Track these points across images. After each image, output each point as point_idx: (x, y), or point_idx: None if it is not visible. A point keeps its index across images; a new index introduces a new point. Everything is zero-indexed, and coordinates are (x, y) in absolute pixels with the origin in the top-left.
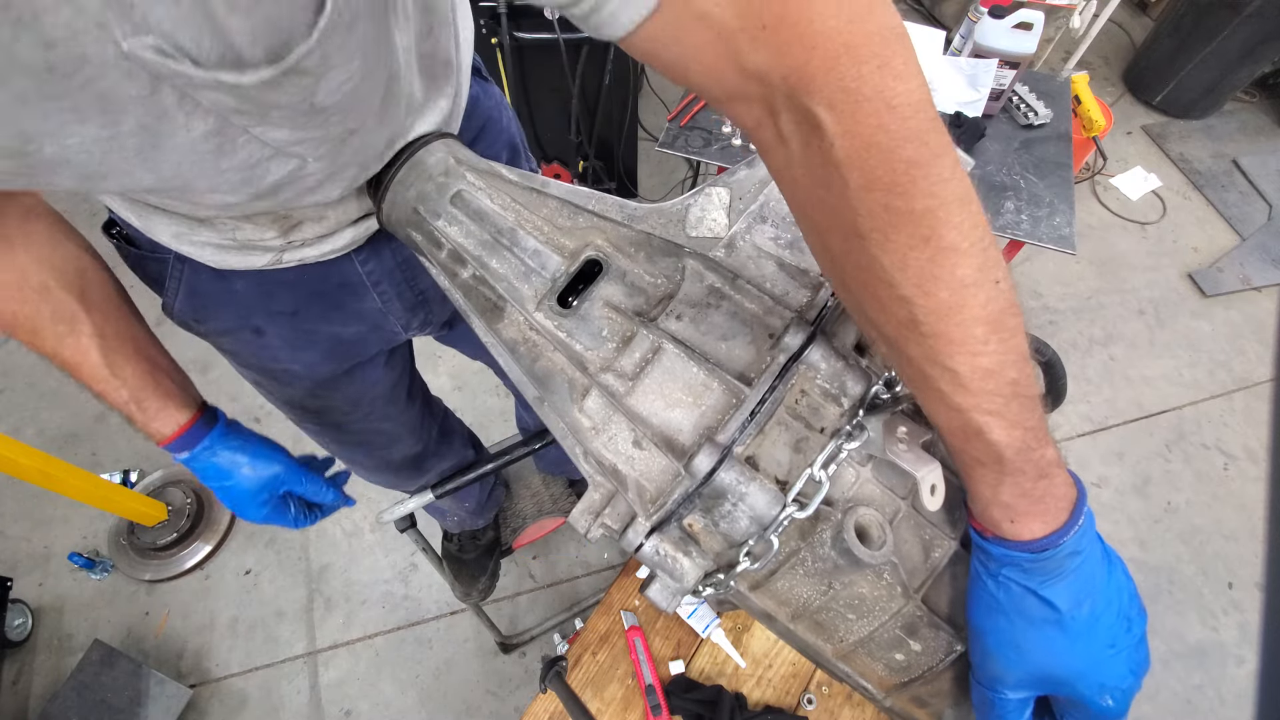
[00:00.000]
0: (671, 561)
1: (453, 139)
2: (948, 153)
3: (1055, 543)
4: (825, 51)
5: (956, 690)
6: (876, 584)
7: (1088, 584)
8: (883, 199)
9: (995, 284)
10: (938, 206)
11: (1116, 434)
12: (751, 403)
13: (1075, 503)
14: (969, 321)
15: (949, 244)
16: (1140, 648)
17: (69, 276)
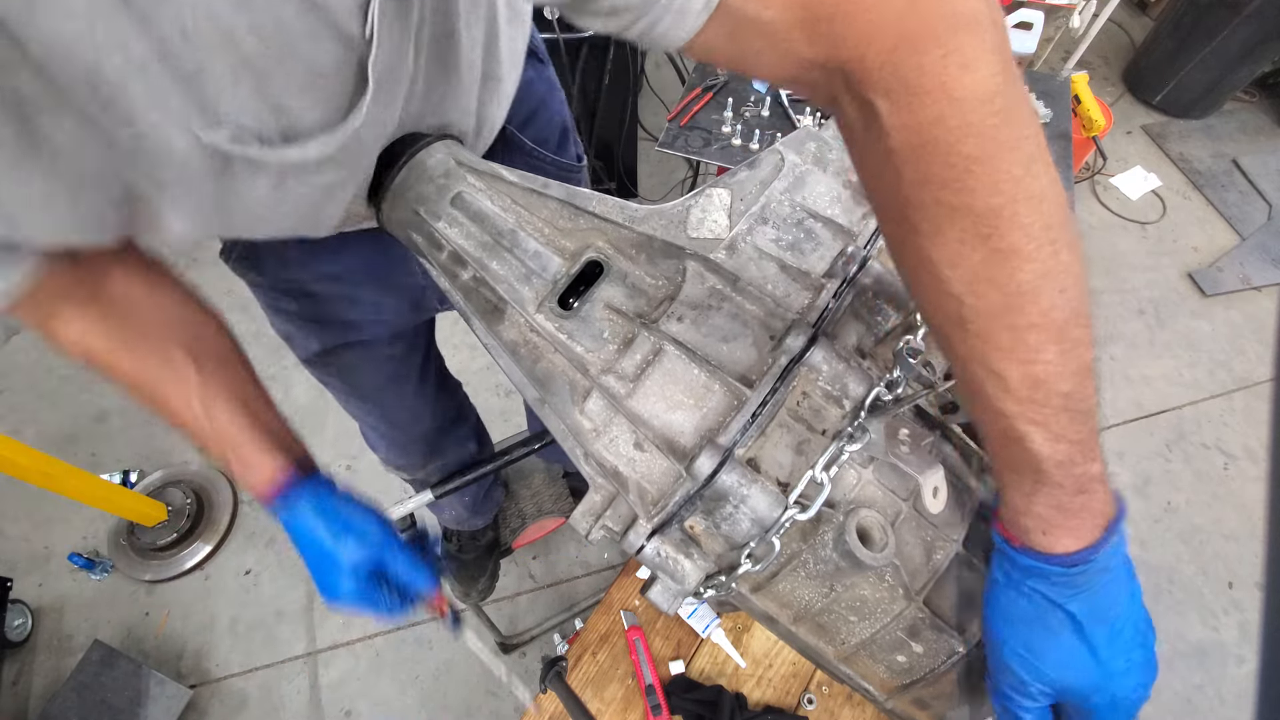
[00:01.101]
0: (673, 563)
1: (453, 140)
2: (1022, 146)
3: (1086, 559)
4: (882, 42)
5: (958, 692)
6: (878, 586)
7: (1112, 600)
8: (936, 194)
9: (1060, 291)
10: (1003, 205)
11: (1116, 434)
12: (753, 405)
13: (1112, 520)
14: (1023, 328)
15: (1009, 245)
16: (1151, 662)
17: (179, 333)
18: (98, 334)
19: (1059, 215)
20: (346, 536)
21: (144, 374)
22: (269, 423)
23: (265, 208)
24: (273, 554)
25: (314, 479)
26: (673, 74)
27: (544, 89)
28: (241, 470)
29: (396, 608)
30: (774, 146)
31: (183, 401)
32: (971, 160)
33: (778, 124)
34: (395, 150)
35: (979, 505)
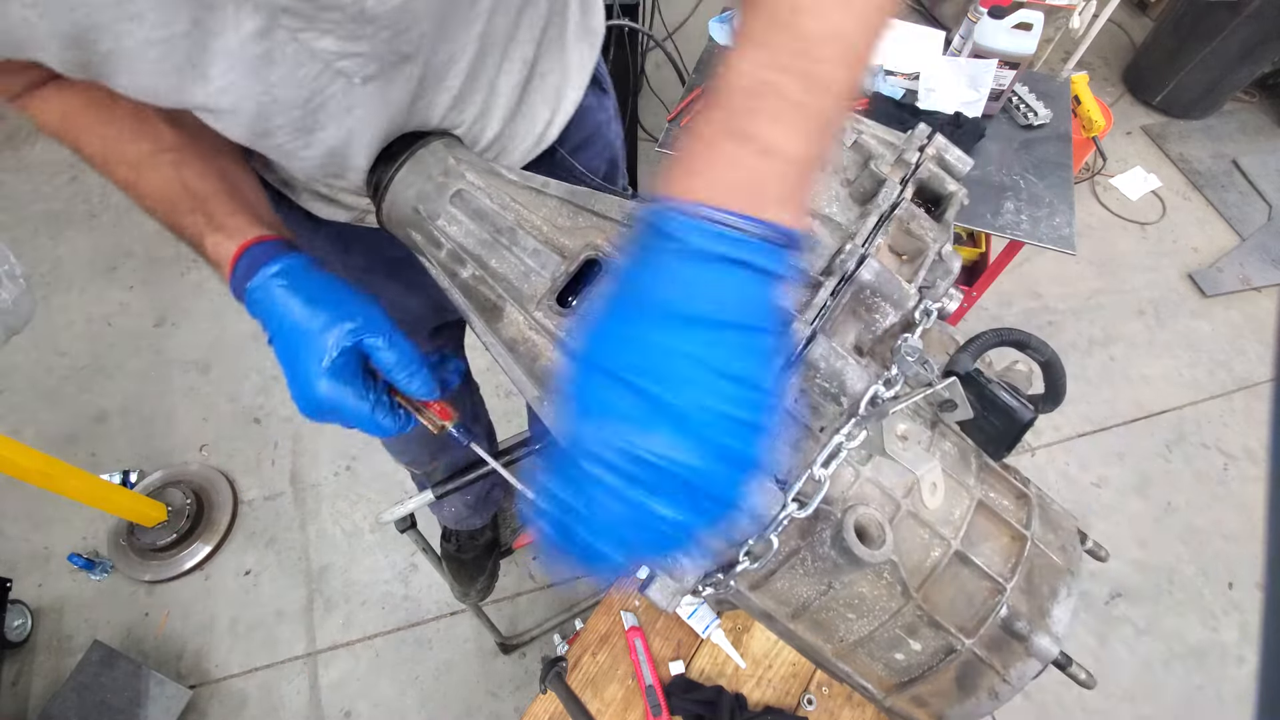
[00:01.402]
0: (671, 561)
1: (452, 138)
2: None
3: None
4: None
5: (956, 690)
6: (876, 583)
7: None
8: None
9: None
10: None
11: (1116, 434)
12: None
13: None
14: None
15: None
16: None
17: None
18: (77, 115)
19: None
20: (325, 310)
21: (112, 134)
22: (247, 194)
23: (249, 62)
24: (273, 554)
25: (293, 251)
26: (673, 74)
27: (603, 118)
28: (209, 237)
29: (386, 414)
30: None
31: (147, 154)
32: None
33: None
34: (394, 149)
35: None
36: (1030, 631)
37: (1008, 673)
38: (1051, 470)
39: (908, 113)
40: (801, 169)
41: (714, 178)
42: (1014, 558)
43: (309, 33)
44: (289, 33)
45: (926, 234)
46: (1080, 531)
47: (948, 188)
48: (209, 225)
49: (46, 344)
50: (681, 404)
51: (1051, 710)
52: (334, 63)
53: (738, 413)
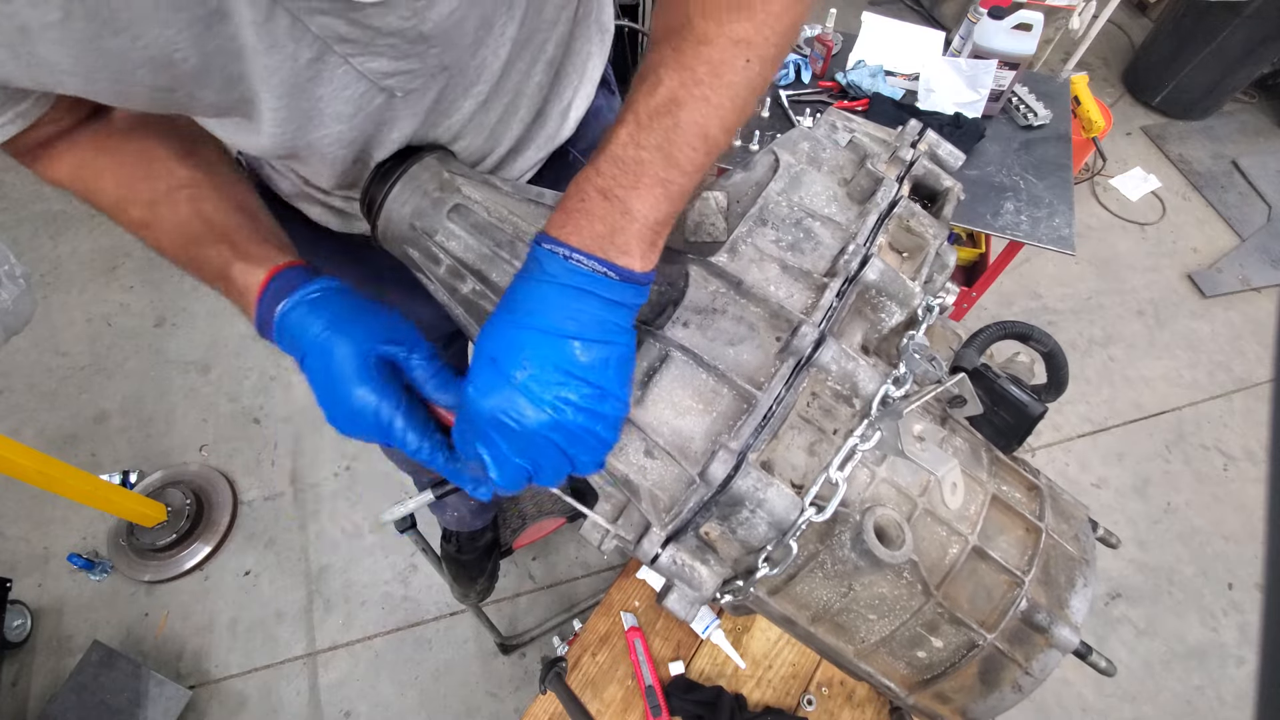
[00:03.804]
0: (689, 571)
1: (445, 151)
2: None
3: (553, 247)
4: None
5: (980, 685)
6: (896, 583)
7: (539, 301)
8: None
9: (746, 63)
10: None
11: (1116, 435)
12: (764, 407)
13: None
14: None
15: (740, 36)
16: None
17: (176, 143)
18: (89, 164)
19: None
20: (359, 327)
21: (125, 176)
22: (266, 223)
23: (292, 82)
24: (272, 554)
25: (322, 276)
26: None
27: (612, 119)
28: (235, 265)
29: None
30: (768, 148)
31: (163, 192)
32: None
33: (777, 124)
34: (387, 165)
35: None
36: (1050, 623)
37: (1030, 665)
38: (1051, 470)
39: (908, 113)
40: (654, 228)
41: (582, 227)
42: (1030, 550)
43: (361, 57)
44: (341, 58)
45: (926, 230)
46: (1091, 520)
47: (943, 183)
48: (234, 254)
49: (46, 344)
50: (536, 390)
51: (1051, 710)
52: (381, 81)
53: (571, 398)
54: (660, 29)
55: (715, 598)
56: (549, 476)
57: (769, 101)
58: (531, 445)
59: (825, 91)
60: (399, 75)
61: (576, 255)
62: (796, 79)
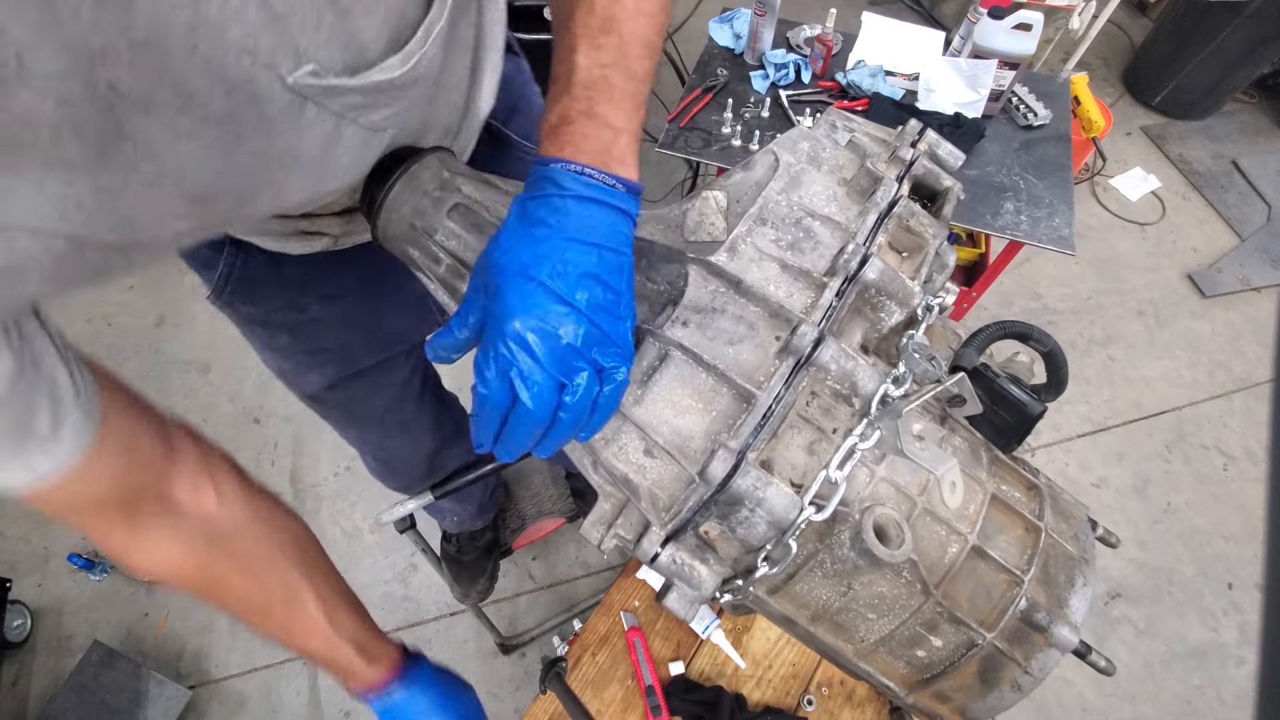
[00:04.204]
0: (689, 570)
1: (446, 152)
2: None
3: (563, 167)
4: None
5: (979, 684)
6: (896, 582)
7: (575, 227)
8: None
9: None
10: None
11: (1116, 435)
12: (763, 406)
13: (612, 172)
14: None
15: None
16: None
17: (290, 548)
18: (200, 554)
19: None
20: (456, 697)
21: (265, 598)
22: (363, 609)
23: (317, 157)
24: None
25: (415, 657)
26: (672, 75)
27: (522, 82)
28: (363, 664)
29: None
30: (768, 147)
31: (305, 620)
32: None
33: (778, 125)
34: (386, 165)
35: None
36: (1050, 622)
37: (1029, 664)
38: (1051, 470)
39: (908, 113)
40: (635, 138)
41: (580, 146)
42: (1029, 549)
43: (369, 115)
44: (351, 121)
45: (926, 230)
46: (1091, 519)
47: (943, 183)
48: (364, 658)
49: None
50: (569, 294)
51: (1051, 709)
52: (378, 126)
53: (600, 302)
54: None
55: (715, 597)
56: (582, 394)
57: (769, 101)
58: (567, 354)
59: (825, 91)
60: (393, 116)
61: (588, 170)
62: (796, 79)
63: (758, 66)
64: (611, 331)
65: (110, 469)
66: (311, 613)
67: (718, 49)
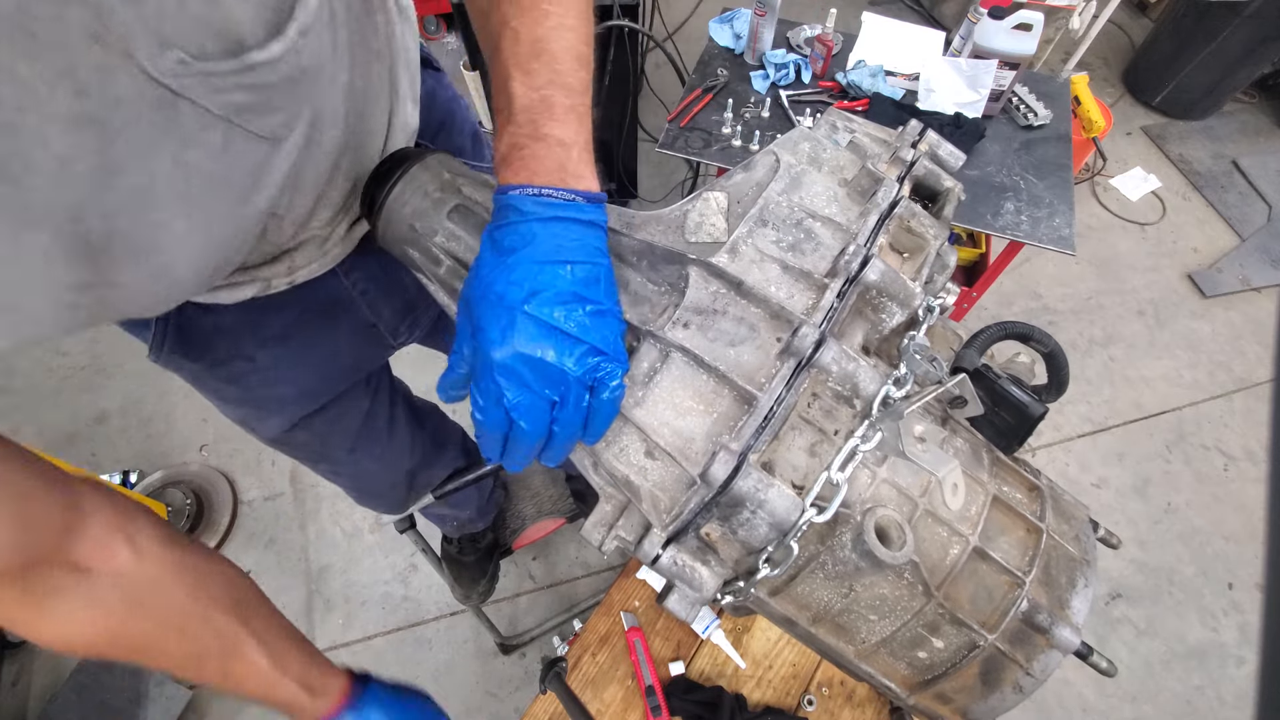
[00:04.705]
0: (690, 571)
1: (445, 154)
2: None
3: (523, 193)
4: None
5: (981, 686)
6: (897, 584)
7: (540, 251)
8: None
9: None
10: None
11: (1116, 435)
12: (764, 408)
13: (568, 188)
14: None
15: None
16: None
17: (224, 600)
18: (117, 617)
19: None
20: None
21: (197, 652)
22: (311, 646)
23: (213, 172)
24: (272, 554)
25: (365, 680)
26: (673, 75)
27: (447, 97)
28: (310, 699)
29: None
30: (768, 148)
31: (250, 666)
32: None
33: (778, 125)
34: (387, 167)
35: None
36: (1051, 623)
37: (1031, 666)
38: (1052, 471)
39: (908, 113)
40: (586, 149)
41: (535, 169)
42: (1031, 550)
43: (262, 118)
44: (241, 128)
45: (927, 231)
46: (1092, 520)
47: (944, 183)
48: (309, 694)
49: (46, 344)
50: (550, 317)
51: (1052, 710)
52: (278, 136)
53: (583, 319)
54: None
55: (716, 598)
56: (571, 409)
57: (769, 102)
58: (554, 374)
59: (825, 92)
60: (291, 121)
61: (546, 191)
62: (796, 79)
63: (758, 66)
64: (598, 342)
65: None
66: (252, 658)
67: (718, 49)
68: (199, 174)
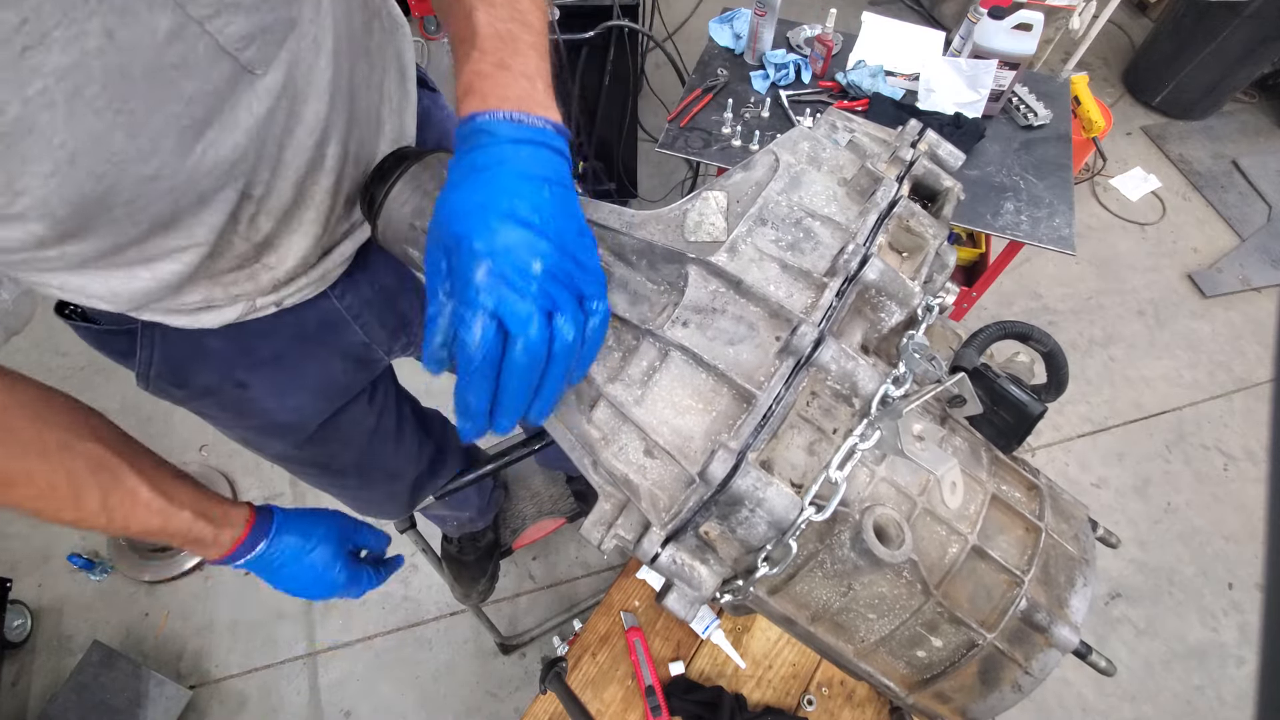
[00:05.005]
0: (689, 570)
1: (446, 153)
2: None
3: (491, 115)
4: None
5: (980, 685)
6: (896, 583)
7: (500, 158)
8: None
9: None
10: None
11: (1116, 435)
12: (763, 407)
13: (521, 112)
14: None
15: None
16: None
17: (80, 428)
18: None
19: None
20: (320, 530)
21: (67, 481)
22: (204, 486)
23: (167, 75)
24: None
25: (271, 509)
26: (673, 75)
27: (442, 116)
28: (213, 530)
29: (374, 580)
30: (768, 148)
31: (125, 494)
32: None
33: (778, 124)
34: (388, 165)
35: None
36: (1050, 622)
37: (1030, 665)
38: (1051, 470)
39: (908, 113)
40: (545, 84)
41: (503, 96)
42: (1030, 549)
43: (220, 18)
44: (198, 24)
45: (926, 230)
46: (1091, 519)
47: (943, 183)
48: (211, 524)
49: (46, 344)
50: (540, 225)
51: (1052, 710)
52: (244, 52)
53: (567, 229)
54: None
55: (715, 597)
56: (569, 317)
57: (769, 101)
58: (546, 282)
59: (825, 91)
60: (260, 44)
61: (516, 115)
62: (796, 79)
63: (758, 66)
64: (586, 261)
65: None
66: (134, 487)
67: (718, 49)
68: (137, 60)
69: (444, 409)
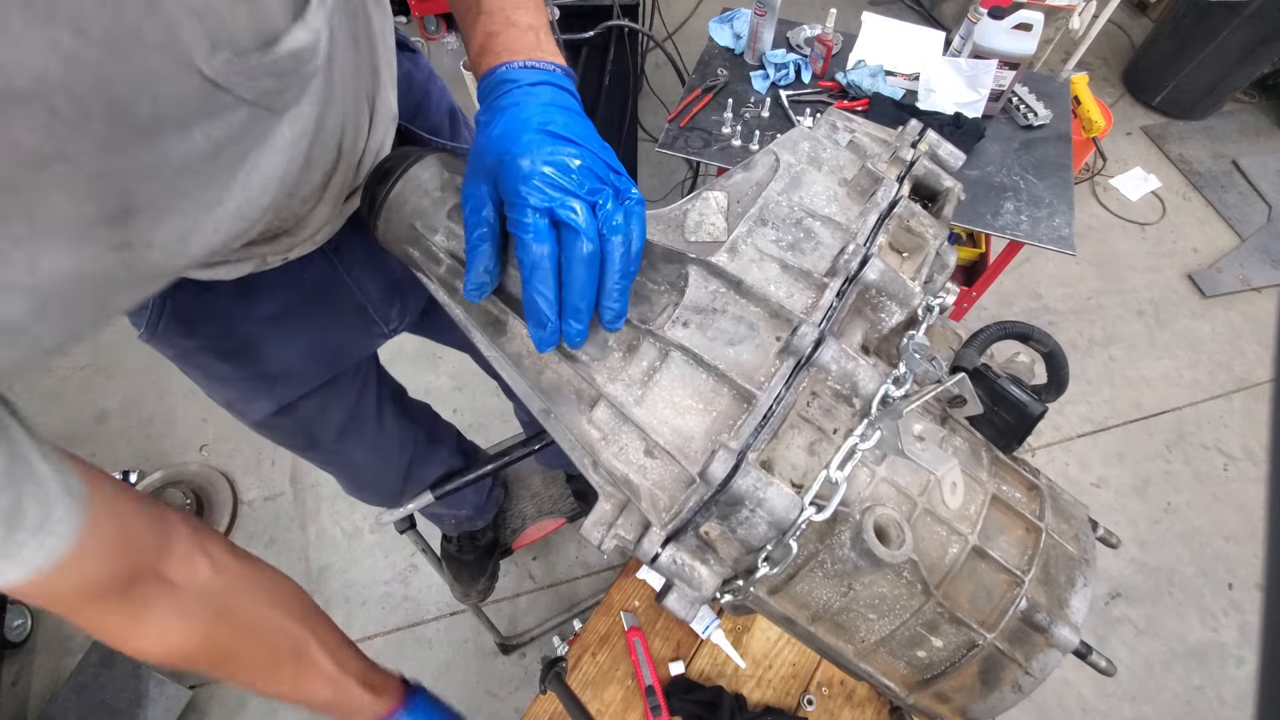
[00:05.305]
0: (689, 570)
1: (446, 153)
2: None
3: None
4: None
5: (980, 685)
6: (896, 583)
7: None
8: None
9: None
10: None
11: (1116, 435)
12: (763, 407)
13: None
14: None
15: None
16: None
17: (288, 603)
18: (204, 625)
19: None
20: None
21: (274, 657)
22: (361, 650)
23: (235, 147)
24: (272, 555)
25: (414, 686)
26: (673, 75)
27: (423, 78)
28: (373, 699)
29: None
30: (768, 148)
31: (318, 670)
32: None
33: (778, 125)
34: (388, 165)
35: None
36: (1050, 622)
37: (1030, 665)
38: (1052, 470)
39: (908, 113)
40: (546, 32)
41: (515, 49)
42: (1030, 549)
43: (276, 95)
44: (265, 108)
45: (926, 230)
46: (1091, 520)
47: (944, 183)
48: (372, 693)
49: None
50: (573, 135)
51: (1052, 710)
52: (304, 133)
53: (593, 148)
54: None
55: (715, 597)
56: (614, 206)
57: (769, 101)
58: (587, 177)
59: (825, 91)
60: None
61: (531, 63)
62: (797, 79)
63: (758, 66)
64: (614, 164)
65: (104, 553)
66: (319, 661)
67: (718, 49)
68: (226, 150)
69: (433, 405)
